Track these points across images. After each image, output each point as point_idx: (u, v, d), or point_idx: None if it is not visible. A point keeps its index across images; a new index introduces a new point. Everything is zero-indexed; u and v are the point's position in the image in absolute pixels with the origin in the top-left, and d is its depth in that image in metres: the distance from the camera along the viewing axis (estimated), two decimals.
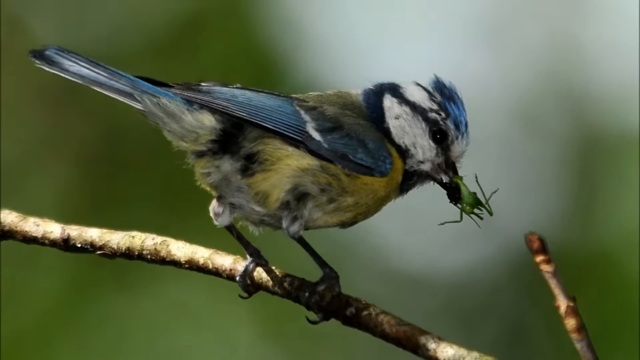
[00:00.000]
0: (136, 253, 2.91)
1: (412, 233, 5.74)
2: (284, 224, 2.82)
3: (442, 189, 2.92)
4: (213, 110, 2.82)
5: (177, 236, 2.92)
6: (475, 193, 2.88)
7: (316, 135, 2.82)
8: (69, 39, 5.66)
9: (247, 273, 2.85)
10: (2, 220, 2.98)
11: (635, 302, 5.58)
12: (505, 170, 5.83)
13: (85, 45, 5.61)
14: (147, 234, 2.92)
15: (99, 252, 2.94)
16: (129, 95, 2.85)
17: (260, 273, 2.85)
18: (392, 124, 2.90)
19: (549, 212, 5.88)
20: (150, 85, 2.85)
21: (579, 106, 5.93)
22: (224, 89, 2.86)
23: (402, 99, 2.92)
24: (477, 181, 2.88)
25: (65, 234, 2.95)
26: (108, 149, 5.69)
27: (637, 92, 5.72)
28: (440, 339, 2.61)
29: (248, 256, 2.86)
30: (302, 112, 2.84)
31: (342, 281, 2.80)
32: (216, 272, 2.87)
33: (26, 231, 2.97)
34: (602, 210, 5.84)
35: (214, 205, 2.87)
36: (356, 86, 2.97)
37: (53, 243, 2.96)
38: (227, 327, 5.54)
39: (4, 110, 5.60)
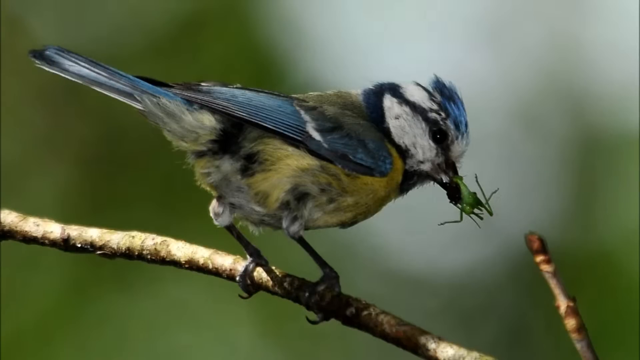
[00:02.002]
0: (136, 253, 2.91)
1: (412, 233, 5.73)
2: (284, 224, 2.82)
3: (442, 189, 2.92)
4: (213, 110, 2.82)
5: (177, 236, 2.92)
6: (475, 193, 2.88)
7: (316, 135, 2.82)
8: (69, 39, 5.66)
9: (247, 273, 2.85)
10: (2, 220, 2.98)
11: (635, 302, 5.58)
12: (505, 170, 5.83)
13: (85, 45, 5.61)
14: (147, 234, 2.92)
15: (99, 252, 2.94)
16: (129, 95, 2.85)
17: (260, 273, 2.85)
18: (392, 124, 2.90)
19: (549, 212, 5.88)
20: (150, 85, 2.85)
21: (579, 106, 5.93)
22: (224, 89, 2.86)
23: (402, 99, 2.92)
24: (477, 181, 2.88)
25: (65, 234, 2.95)
26: (108, 149, 5.69)
27: (637, 92, 5.72)
28: (440, 339, 2.61)
29: (248, 256, 2.86)
30: (302, 112, 2.84)
31: (342, 281, 2.80)
32: (216, 272, 2.87)
33: (26, 231, 2.97)
34: (602, 210, 5.84)
35: (214, 205, 2.87)
36: (356, 86, 2.97)
37: (53, 243, 2.96)
38: (227, 327, 5.54)
39: (4, 110, 5.60)
